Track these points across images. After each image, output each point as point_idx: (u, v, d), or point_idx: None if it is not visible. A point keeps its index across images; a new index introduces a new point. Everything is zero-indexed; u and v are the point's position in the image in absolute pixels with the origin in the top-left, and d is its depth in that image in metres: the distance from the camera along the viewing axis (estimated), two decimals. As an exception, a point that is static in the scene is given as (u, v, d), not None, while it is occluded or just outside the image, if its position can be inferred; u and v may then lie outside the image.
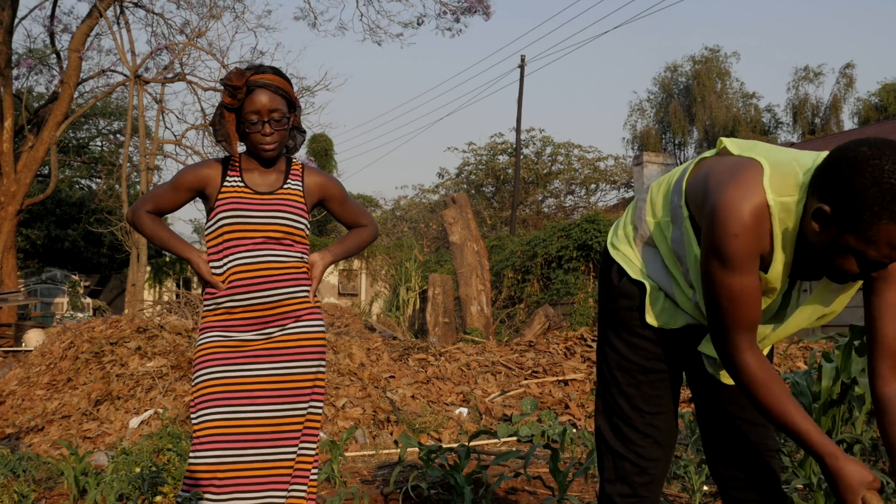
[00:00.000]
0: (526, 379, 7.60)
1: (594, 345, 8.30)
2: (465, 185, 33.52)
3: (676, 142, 37.74)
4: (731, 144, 2.08)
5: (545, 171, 31.89)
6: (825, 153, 1.88)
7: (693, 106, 36.13)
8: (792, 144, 23.07)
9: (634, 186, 25.60)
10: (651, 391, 2.21)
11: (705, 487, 3.92)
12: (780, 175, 1.90)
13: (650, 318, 2.17)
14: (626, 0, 42.44)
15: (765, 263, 1.96)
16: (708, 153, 2.15)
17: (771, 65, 69.64)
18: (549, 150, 32.03)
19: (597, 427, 2.33)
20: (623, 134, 73.20)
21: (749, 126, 35.18)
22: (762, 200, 1.88)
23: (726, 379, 2.14)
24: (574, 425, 6.45)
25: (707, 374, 2.21)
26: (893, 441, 1.95)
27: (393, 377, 7.41)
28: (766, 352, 2.20)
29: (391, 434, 6.19)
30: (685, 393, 7.39)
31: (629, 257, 2.23)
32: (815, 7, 76.10)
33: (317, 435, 2.86)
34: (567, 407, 6.91)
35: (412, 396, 7.03)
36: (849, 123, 34.31)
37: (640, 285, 2.19)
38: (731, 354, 1.98)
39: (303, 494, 2.83)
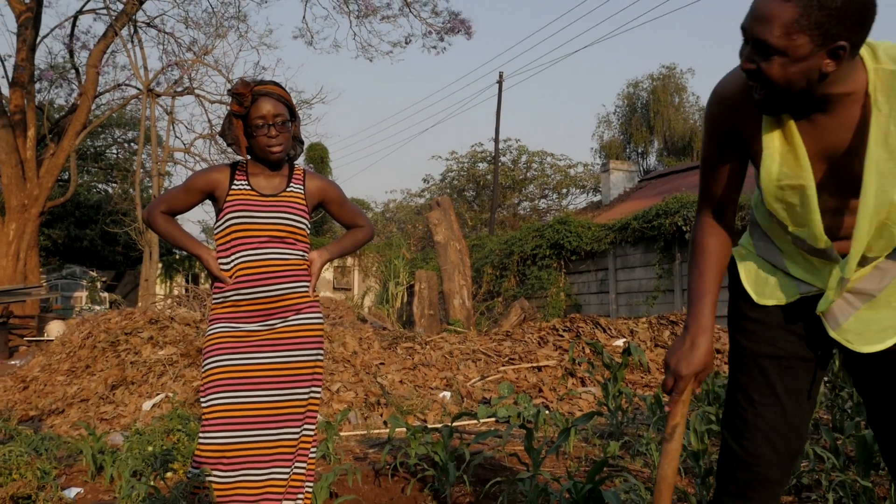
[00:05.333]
0: (503, 365, 7.60)
1: (565, 334, 8.32)
2: (448, 190, 33.51)
3: (639, 151, 37.87)
4: None
5: (521, 177, 31.93)
6: None
7: (652, 119, 36.32)
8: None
9: (602, 191, 25.67)
10: (762, 379, 1.90)
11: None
12: None
13: (750, 290, 1.93)
14: (596, 21, 42.30)
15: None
16: None
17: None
18: (524, 157, 32.08)
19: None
20: (591, 144, 73.41)
21: (704, 137, 35.38)
22: None
23: (858, 345, 1.79)
24: (547, 407, 6.47)
25: (865, 368, 1.83)
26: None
27: (383, 364, 7.40)
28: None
29: (381, 416, 6.18)
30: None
31: (738, 246, 2.03)
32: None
33: (316, 417, 2.85)
34: (541, 391, 6.92)
35: (400, 381, 7.02)
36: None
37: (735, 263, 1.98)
38: None
39: (303, 471, 2.84)
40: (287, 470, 2.77)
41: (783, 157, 1.72)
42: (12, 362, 11.78)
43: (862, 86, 1.59)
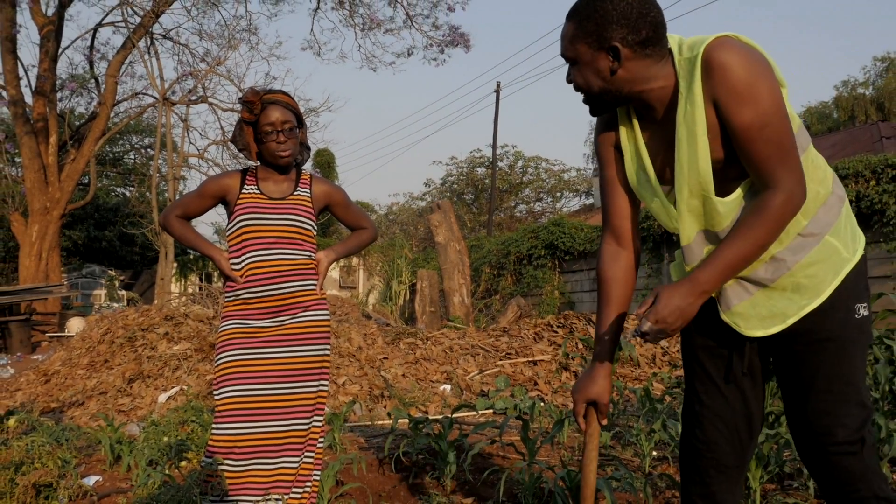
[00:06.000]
0: (501, 360, 7.60)
1: (559, 330, 8.32)
2: (448, 193, 33.51)
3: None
4: None
5: (517, 181, 31.92)
6: None
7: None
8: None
9: (594, 194, 25.65)
10: (700, 369, 1.92)
11: (654, 452, 3.94)
12: None
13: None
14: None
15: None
16: None
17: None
18: (520, 163, 32.09)
19: None
20: (584, 149, 73.52)
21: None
22: None
23: (745, 328, 1.80)
24: (542, 399, 6.46)
25: (777, 359, 1.84)
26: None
27: (386, 358, 7.39)
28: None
29: (385, 407, 6.18)
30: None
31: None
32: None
33: (324, 410, 2.85)
34: (536, 384, 6.92)
35: (403, 375, 7.02)
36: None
37: None
38: None
39: (312, 460, 2.83)
40: (297, 459, 2.76)
41: (633, 155, 1.86)
42: (35, 357, 11.78)
43: (673, 78, 1.73)
